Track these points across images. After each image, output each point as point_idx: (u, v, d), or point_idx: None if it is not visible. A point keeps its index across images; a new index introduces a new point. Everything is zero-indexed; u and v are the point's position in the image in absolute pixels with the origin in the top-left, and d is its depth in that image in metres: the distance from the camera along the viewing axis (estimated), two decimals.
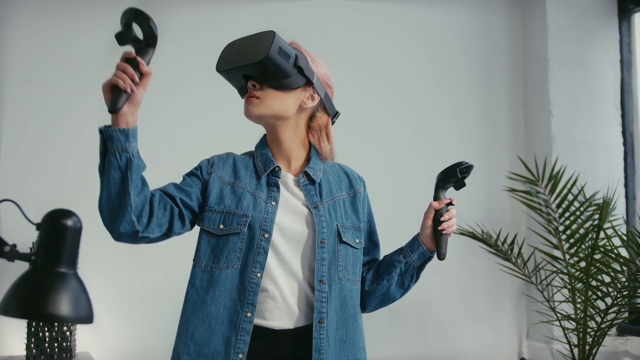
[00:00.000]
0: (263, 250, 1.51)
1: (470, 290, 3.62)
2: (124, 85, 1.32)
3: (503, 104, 3.83)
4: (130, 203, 1.39)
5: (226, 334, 1.48)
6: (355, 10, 3.65)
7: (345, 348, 1.57)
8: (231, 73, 1.59)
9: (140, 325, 3.02)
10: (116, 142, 1.37)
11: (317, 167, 1.65)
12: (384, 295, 1.70)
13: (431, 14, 3.76)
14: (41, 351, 2.65)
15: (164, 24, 3.19)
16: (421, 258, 1.67)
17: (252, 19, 3.40)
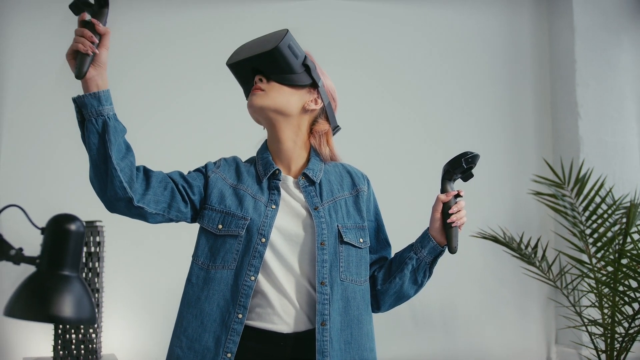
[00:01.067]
0: (259, 254, 1.52)
1: (497, 295, 3.59)
2: (84, 49, 1.34)
3: (529, 107, 3.79)
4: (115, 166, 1.40)
5: (217, 333, 1.50)
6: (377, 14, 3.65)
7: (350, 350, 1.55)
8: (240, 65, 1.61)
9: (165, 328, 3.06)
10: (90, 108, 1.38)
11: (317, 167, 1.65)
12: (397, 293, 1.68)
13: (456, 16, 3.75)
14: (67, 353, 2.71)
15: (164, 25, 3.29)
16: (432, 253, 1.64)
17: (265, 18, 3.44)
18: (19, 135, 3.13)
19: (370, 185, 1.74)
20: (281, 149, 1.64)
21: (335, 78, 1.75)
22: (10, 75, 3.16)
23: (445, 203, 1.62)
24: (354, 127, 3.51)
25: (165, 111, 3.29)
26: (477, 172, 3.48)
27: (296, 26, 3.36)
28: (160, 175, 1.53)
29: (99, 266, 2.80)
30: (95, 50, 1.36)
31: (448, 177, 1.64)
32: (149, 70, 3.30)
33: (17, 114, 3.14)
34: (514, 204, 3.61)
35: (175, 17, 3.40)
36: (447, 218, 1.59)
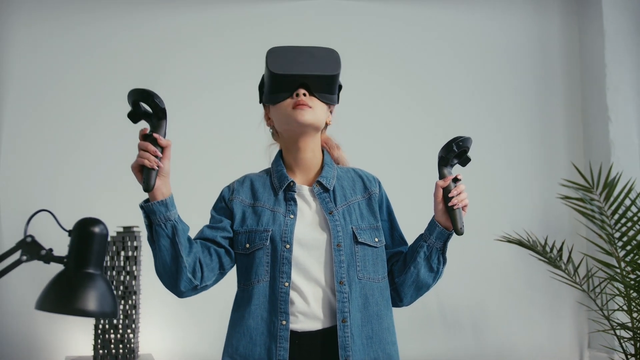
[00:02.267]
0: (287, 261, 1.61)
1: (527, 297, 3.61)
2: (150, 164, 1.44)
3: (560, 111, 3.81)
4: (185, 264, 1.54)
5: (267, 344, 1.58)
6: (401, 18, 3.73)
7: (372, 344, 1.63)
8: (290, 78, 1.65)
9: (199, 329, 3.19)
10: (158, 214, 1.50)
11: (330, 175, 1.73)
12: (415, 282, 1.73)
13: (485, 22, 3.79)
14: (107, 352, 2.86)
15: (166, 26, 3.41)
16: (440, 238, 1.69)
17: (281, 18, 3.55)
18: (57, 141, 3.30)
19: (382, 186, 1.80)
20: (301, 159, 1.72)
21: (360, 84, 1.82)
22: (10, 75, 3.32)
23: (445, 188, 1.67)
24: (383, 136, 3.59)
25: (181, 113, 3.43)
26: (506, 176, 3.57)
27: (315, 25, 3.47)
28: (200, 246, 1.63)
29: (136, 269, 2.94)
30: (160, 165, 1.46)
31: (443, 163, 1.69)
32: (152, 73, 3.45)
33: (54, 119, 3.31)
34: (543, 208, 3.62)
35: (174, 18, 3.54)
36: (449, 202, 1.65)
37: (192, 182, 3.09)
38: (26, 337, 3.04)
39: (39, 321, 3.05)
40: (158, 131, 1.46)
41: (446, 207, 1.65)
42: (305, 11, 3.65)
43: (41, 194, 3.20)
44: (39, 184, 3.22)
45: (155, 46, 3.48)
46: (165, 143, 1.47)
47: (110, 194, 3.16)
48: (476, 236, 3.36)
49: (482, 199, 3.59)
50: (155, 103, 1.44)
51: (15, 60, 3.34)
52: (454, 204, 1.64)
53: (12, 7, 3.36)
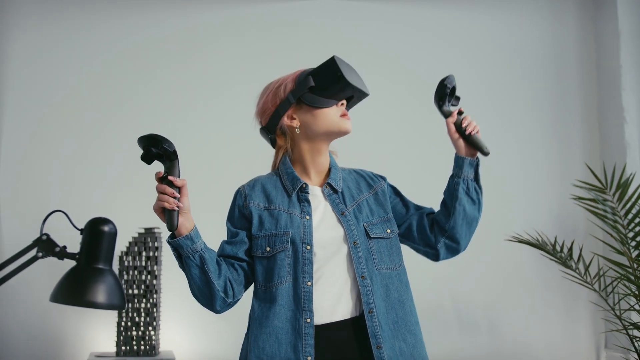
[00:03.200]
0: (308, 261, 1.69)
1: (543, 297, 3.64)
2: (170, 207, 1.51)
3: (576, 112, 3.83)
4: (217, 288, 1.64)
5: (293, 342, 1.66)
6: (415, 21, 3.79)
7: (398, 328, 1.72)
8: (350, 90, 1.77)
9: (218, 326, 3.28)
10: (186, 248, 1.59)
11: (337, 176, 1.82)
12: (465, 219, 1.80)
13: (500, 23, 3.83)
14: (129, 349, 2.98)
15: (169, 27, 3.51)
16: (472, 166, 1.79)
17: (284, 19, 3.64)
18: (75, 143, 3.43)
19: (386, 180, 1.90)
20: (317, 162, 1.81)
21: (372, 88, 1.87)
22: (10, 75, 3.42)
23: (455, 123, 1.79)
24: (396, 140, 3.66)
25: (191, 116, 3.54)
26: (521, 177, 3.60)
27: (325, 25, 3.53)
28: (225, 264, 1.72)
29: (157, 269, 3.06)
30: (179, 205, 1.55)
31: (441, 104, 1.81)
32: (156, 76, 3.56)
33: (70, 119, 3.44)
34: (558, 209, 3.66)
35: (175, 19, 3.62)
36: (464, 132, 1.76)
37: (203, 181, 3.21)
38: (53, 334, 3.18)
39: (66, 318, 3.19)
40: (172, 172, 1.53)
41: (464, 138, 1.77)
42: (316, 12, 3.73)
43: (63, 194, 3.32)
44: (56, 185, 3.34)
45: (159, 45, 3.58)
46: (180, 183, 1.54)
47: (132, 196, 3.28)
48: (491, 236, 3.42)
49: (498, 199, 3.63)
50: (164, 148, 1.50)
51: (22, 59, 3.44)
52: (470, 131, 1.76)
53: (15, 8, 3.46)
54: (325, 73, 1.72)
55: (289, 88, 1.76)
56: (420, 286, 3.67)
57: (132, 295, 3.02)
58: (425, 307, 3.60)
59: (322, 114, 1.74)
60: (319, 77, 1.73)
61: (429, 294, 3.54)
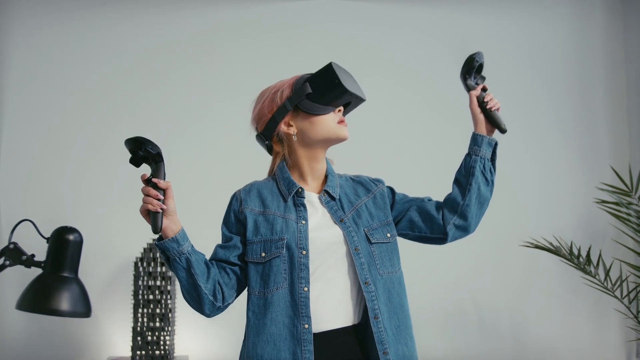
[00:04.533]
0: (304, 266, 1.67)
1: (570, 304, 3.54)
2: (154, 208, 1.51)
3: (602, 113, 3.72)
4: (204, 291, 1.64)
5: (292, 348, 1.64)
6: (438, 21, 3.75)
7: (401, 332, 1.71)
8: (348, 97, 1.76)
9: (233, 331, 3.30)
10: (172, 250, 1.59)
11: (334, 183, 1.80)
12: (478, 198, 1.79)
13: (526, 19, 3.75)
14: (144, 354, 3.03)
15: (169, 27, 3.52)
16: (489, 146, 1.79)
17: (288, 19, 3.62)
18: (85, 146, 3.47)
19: (384, 183, 1.88)
20: (315, 168, 1.79)
21: (384, 93, 1.85)
22: (10, 75, 3.47)
23: (478, 97, 1.79)
24: (397, 141, 3.62)
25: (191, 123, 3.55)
26: (543, 180, 3.50)
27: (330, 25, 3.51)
28: (217, 268, 1.73)
29: (172, 274, 3.10)
30: (162, 207, 1.55)
31: (468, 75, 1.82)
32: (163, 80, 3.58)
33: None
34: (581, 213, 3.56)
35: (175, 20, 3.63)
36: (485, 107, 1.78)
37: (205, 186, 3.24)
38: (73, 338, 3.25)
39: (84, 323, 3.26)
40: (157, 175, 1.54)
41: (485, 113, 1.78)
42: (321, 12, 3.71)
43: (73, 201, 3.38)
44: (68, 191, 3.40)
45: (158, 46, 3.60)
46: (164, 185, 1.54)
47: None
48: (514, 240, 3.35)
49: (520, 203, 3.57)
50: (148, 150, 1.51)
51: (22, 60, 3.49)
52: (491, 107, 1.76)
53: (16, 8, 3.50)
54: (322, 80, 1.71)
55: (285, 94, 1.74)
56: (441, 289, 3.67)
57: (147, 300, 3.07)
58: (447, 310, 3.60)
59: (319, 121, 1.73)
60: (316, 83, 1.72)
61: (449, 298, 3.50)
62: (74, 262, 1.36)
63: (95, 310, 3.27)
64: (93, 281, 3.28)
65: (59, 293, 1.32)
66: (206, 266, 1.67)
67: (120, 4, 3.60)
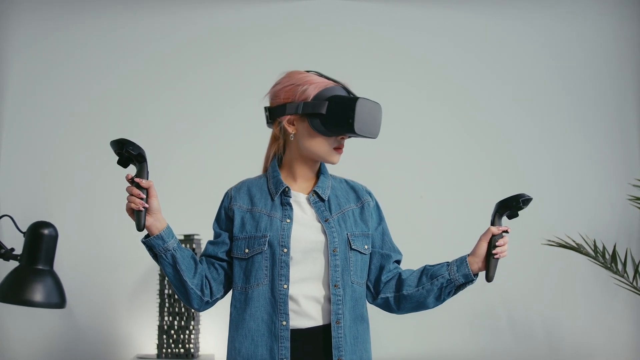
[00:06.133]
0: (285, 264, 1.71)
1: (608, 307, 3.43)
2: (136, 207, 1.57)
3: (634, 107, 3.59)
4: (191, 286, 1.70)
5: (269, 344, 1.69)
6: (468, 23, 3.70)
7: (358, 344, 1.74)
8: (355, 135, 1.75)
9: None
10: (157, 247, 1.66)
11: (325, 185, 1.82)
12: (419, 303, 1.81)
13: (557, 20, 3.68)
14: (170, 351, 3.10)
15: (169, 27, 3.54)
16: (465, 279, 1.76)
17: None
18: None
19: (373, 196, 1.89)
20: (303, 171, 1.81)
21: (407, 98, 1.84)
22: (11, 75, 3.53)
23: (493, 235, 1.75)
24: (399, 143, 3.58)
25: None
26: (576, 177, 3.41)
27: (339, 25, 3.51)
28: (205, 263, 1.79)
29: None
30: (145, 205, 1.61)
31: (502, 212, 1.77)
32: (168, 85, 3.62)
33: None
34: (615, 210, 3.45)
35: (176, 19, 3.65)
36: (492, 249, 1.73)
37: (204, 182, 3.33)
38: (102, 336, 3.36)
39: (114, 321, 3.37)
40: (140, 175, 1.59)
41: (488, 252, 1.74)
42: (329, 12, 3.71)
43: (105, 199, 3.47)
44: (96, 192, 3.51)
45: (157, 46, 3.64)
46: (145, 185, 1.60)
47: (171, 204, 3.40)
48: (546, 238, 3.26)
49: (553, 201, 3.49)
50: (129, 151, 1.56)
51: (22, 61, 3.55)
52: (497, 253, 1.73)
53: (16, 7, 3.55)
54: (339, 110, 1.68)
55: (304, 96, 1.73)
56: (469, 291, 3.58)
57: (173, 299, 3.14)
58: (475, 316, 3.52)
59: (317, 140, 1.74)
60: (333, 110, 1.69)
61: (478, 299, 3.44)
62: (49, 255, 1.42)
63: (126, 308, 3.39)
64: (124, 281, 3.40)
65: (34, 285, 1.38)
66: (193, 262, 1.72)
67: (120, 4, 3.65)
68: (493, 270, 1.71)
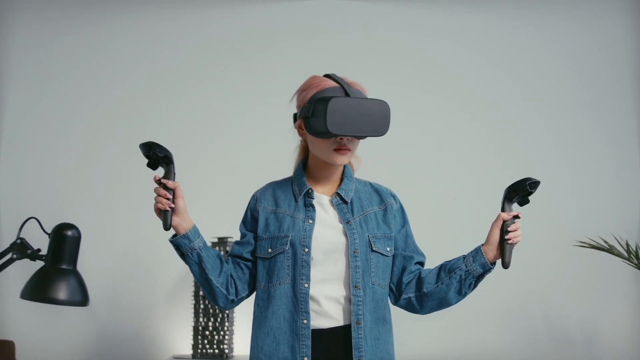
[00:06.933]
0: (306, 263, 1.75)
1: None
2: (163, 207, 1.63)
3: None
4: (216, 285, 1.75)
5: (290, 342, 1.73)
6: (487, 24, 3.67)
7: (379, 345, 1.76)
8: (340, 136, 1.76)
9: None
10: (183, 246, 1.71)
11: (349, 187, 1.85)
12: (441, 299, 1.81)
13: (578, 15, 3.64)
14: (205, 352, 3.17)
15: (170, 26, 3.57)
16: (483, 268, 1.76)
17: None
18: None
19: (397, 199, 1.91)
20: (325, 174, 1.85)
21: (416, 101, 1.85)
22: (11, 75, 3.60)
23: (504, 221, 1.75)
24: (402, 144, 3.57)
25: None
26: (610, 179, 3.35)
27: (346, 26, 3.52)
28: (231, 263, 1.84)
29: None
30: (171, 205, 1.67)
31: (510, 197, 1.77)
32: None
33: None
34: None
35: (176, 18, 3.69)
36: (505, 235, 1.73)
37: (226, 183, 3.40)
38: (140, 337, 3.45)
39: (151, 322, 3.45)
40: (167, 176, 1.65)
41: (501, 239, 1.74)
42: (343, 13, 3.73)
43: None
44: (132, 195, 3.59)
45: (158, 45, 3.69)
46: (172, 185, 1.64)
47: (206, 208, 3.47)
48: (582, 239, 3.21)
49: (588, 203, 3.44)
50: (156, 154, 1.62)
51: (22, 61, 3.62)
52: (510, 238, 1.73)
53: (16, 6, 3.62)
54: (319, 110, 1.66)
55: (304, 101, 1.76)
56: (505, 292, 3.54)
57: (207, 300, 3.20)
58: (511, 318, 3.48)
59: (317, 143, 1.76)
60: (315, 111, 1.68)
61: (514, 301, 3.41)
62: (72, 255, 1.48)
63: (162, 310, 3.47)
64: (160, 284, 3.48)
65: (58, 284, 1.45)
66: (219, 261, 1.77)
67: (120, 4, 3.71)
68: (508, 256, 1.71)
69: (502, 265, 1.72)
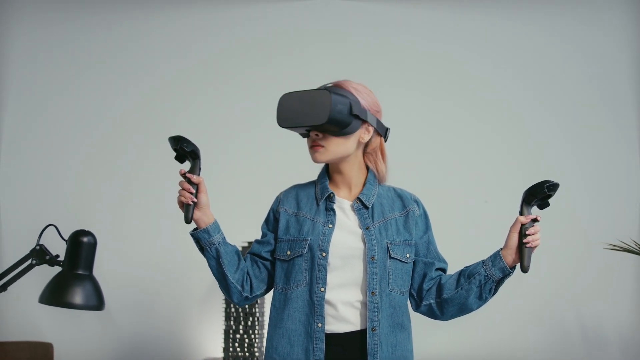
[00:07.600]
0: (322, 267, 1.76)
1: None
2: (185, 200, 1.66)
3: None
4: (231, 280, 1.77)
5: (304, 344, 1.74)
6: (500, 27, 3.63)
7: (396, 351, 1.75)
8: (293, 129, 1.83)
9: None
10: (203, 240, 1.74)
11: (371, 193, 1.84)
12: (461, 304, 1.80)
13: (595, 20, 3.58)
14: (235, 354, 3.21)
15: (170, 26, 3.56)
16: (502, 272, 1.75)
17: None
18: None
19: (421, 204, 1.89)
20: (343, 178, 1.86)
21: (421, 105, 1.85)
22: (10, 75, 3.65)
23: (523, 225, 1.73)
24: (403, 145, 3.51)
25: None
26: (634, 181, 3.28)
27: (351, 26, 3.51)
28: (249, 260, 1.87)
29: None
30: (194, 199, 1.71)
31: (529, 201, 1.75)
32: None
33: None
34: None
35: (176, 18, 3.72)
36: (524, 239, 1.71)
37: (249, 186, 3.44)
38: (173, 340, 3.52)
39: (184, 326, 3.51)
40: (192, 171, 1.69)
41: (520, 242, 1.73)
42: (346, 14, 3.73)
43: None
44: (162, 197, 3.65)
45: (158, 44, 3.73)
46: (196, 180, 1.67)
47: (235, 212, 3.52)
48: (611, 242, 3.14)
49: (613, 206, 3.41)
50: (182, 148, 1.66)
51: (22, 62, 3.67)
52: (528, 242, 1.71)
53: (17, 6, 3.66)
54: None
55: None
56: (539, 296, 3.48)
57: (224, 295, 3.25)
58: (546, 323, 3.42)
59: None
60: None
61: (548, 306, 3.35)
62: (88, 261, 1.53)
63: (195, 314, 3.53)
64: (192, 289, 3.54)
65: (74, 289, 1.49)
66: (237, 257, 1.79)
67: (121, 4, 3.75)
68: (527, 260, 1.68)
69: (521, 270, 1.70)
